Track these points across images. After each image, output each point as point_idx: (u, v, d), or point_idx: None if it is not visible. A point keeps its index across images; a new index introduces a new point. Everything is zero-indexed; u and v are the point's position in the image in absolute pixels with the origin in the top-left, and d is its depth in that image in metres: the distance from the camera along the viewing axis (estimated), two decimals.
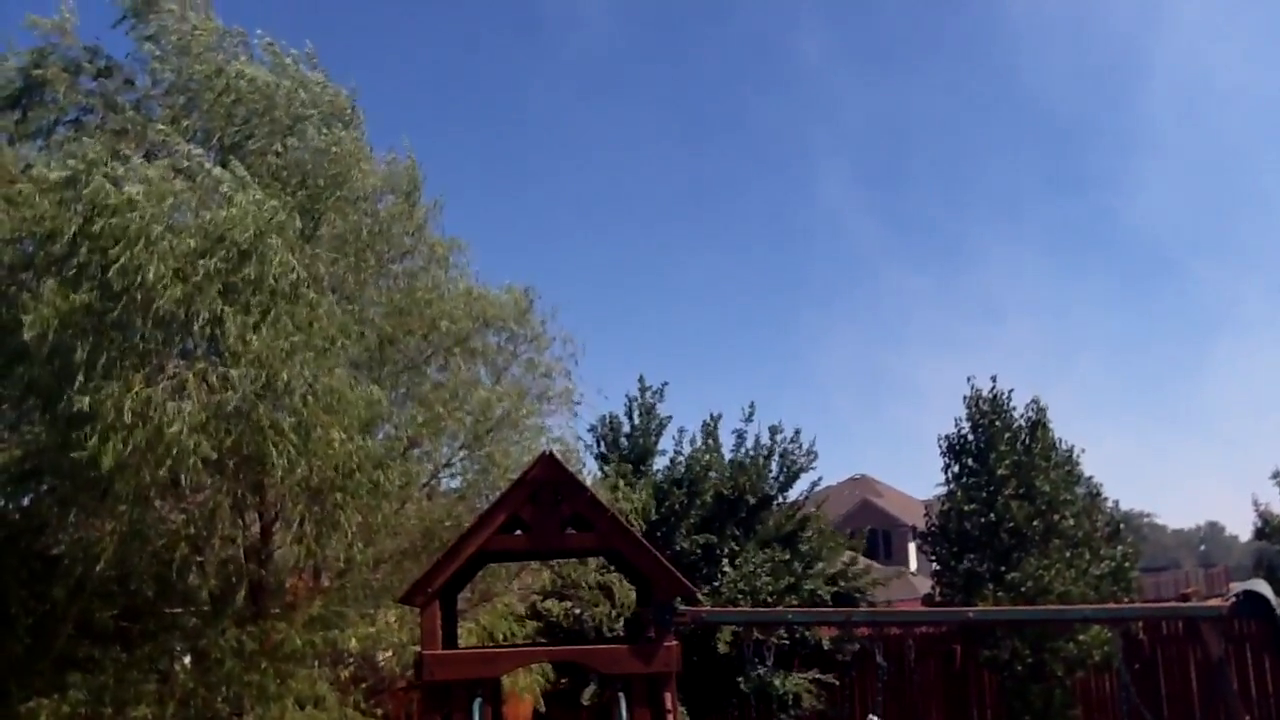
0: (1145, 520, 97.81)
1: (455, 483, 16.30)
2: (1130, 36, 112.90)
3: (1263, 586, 11.29)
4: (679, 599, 9.47)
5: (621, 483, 18.36)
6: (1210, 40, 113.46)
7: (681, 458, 23.13)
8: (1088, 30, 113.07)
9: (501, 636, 15.69)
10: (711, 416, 23.90)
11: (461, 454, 15.77)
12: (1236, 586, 13.90)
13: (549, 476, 9.28)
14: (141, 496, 11.75)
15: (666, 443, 23.45)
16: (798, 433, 23.79)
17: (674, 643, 9.16)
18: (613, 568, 15.90)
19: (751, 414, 23.70)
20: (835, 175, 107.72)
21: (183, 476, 11.66)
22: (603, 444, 23.04)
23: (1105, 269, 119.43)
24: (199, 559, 13.17)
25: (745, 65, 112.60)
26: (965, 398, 24.39)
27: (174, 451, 11.18)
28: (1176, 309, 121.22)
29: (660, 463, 23.10)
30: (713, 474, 22.75)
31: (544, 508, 9.20)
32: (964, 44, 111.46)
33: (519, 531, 9.52)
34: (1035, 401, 24.69)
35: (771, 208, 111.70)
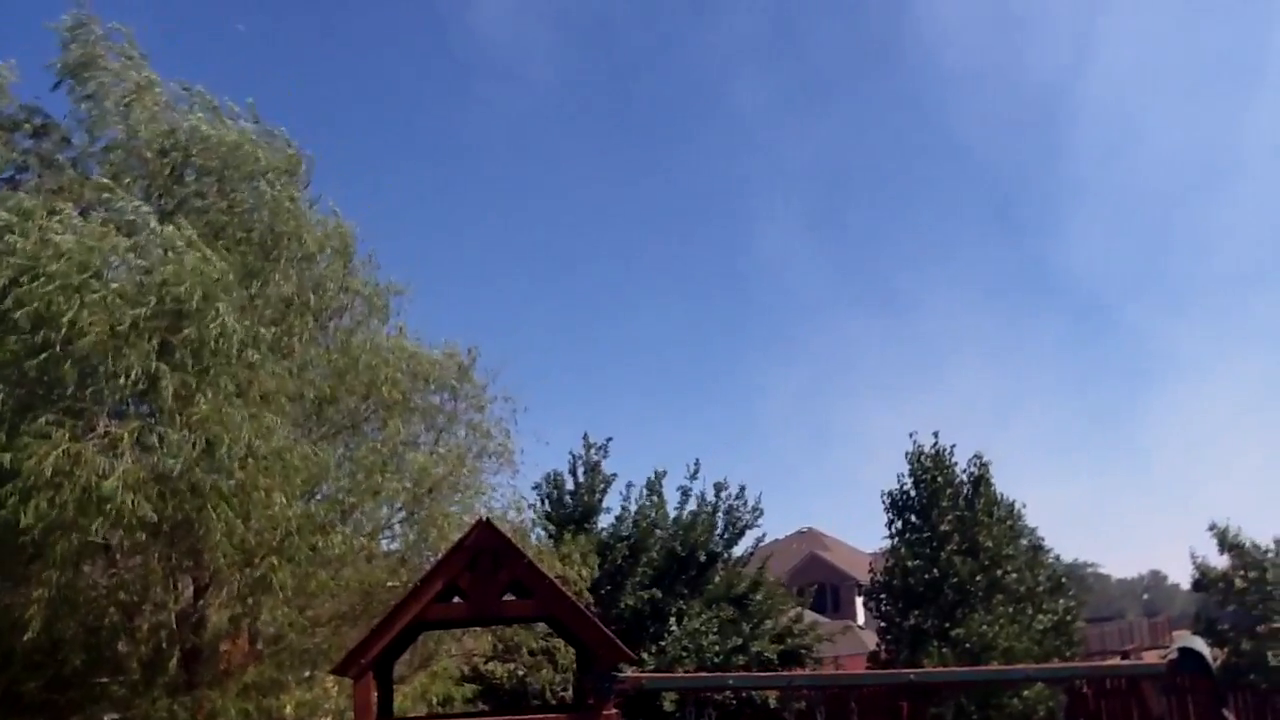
0: (1090, 570, 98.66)
1: (395, 545, 16.05)
2: (1057, 85, 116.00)
3: (1199, 644, 11.47)
4: (619, 666, 9.38)
5: (571, 545, 18.22)
6: (1135, 86, 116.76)
7: (628, 514, 23.07)
8: (1016, 78, 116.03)
9: (437, 700, 15.41)
10: (656, 473, 23.95)
11: (400, 516, 15.55)
12: (1178, 640, 14.07)
13: (487, 543, 9.17)
14: (71, 560, 11.45)
15: (612, 499, 23.44)
16: (743, 489, 23.91)
17: (613, 711, 9.06)
18: (554, 633, 15.73)
19: (697, 471, 23.79)
20: (776, 221, 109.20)
21: (116, 540, 11.40)
22: (547, 503, 22.91)
23: (1043, 316, 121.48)
24: (130, 626, 12.84)
25: (685, 112, 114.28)
26: (907, 454, 24.67)
27: (108, 510, 10.91)
28: (1114, 355, 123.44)
29: (605, 520, 23.02)
30: (658, 530, 22.70)
31: (482, 574, 9.09)
32: (898, 91, 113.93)
33: (457, 599, 9.39)
34: (978, 457, 25.06)
35: (713, 254, 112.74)
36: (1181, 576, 35.26)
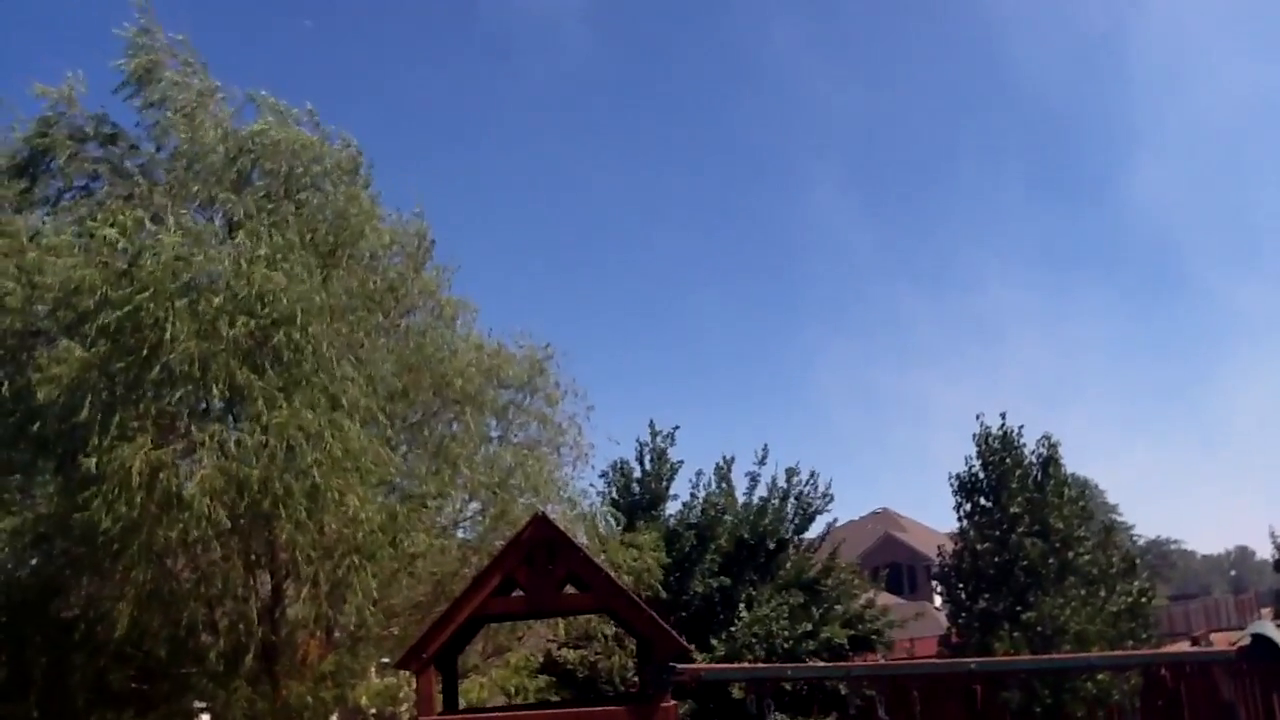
0: (1174, 547, 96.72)
1: (469, 535, 16.40)
2: (1114, 27, 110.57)
3: (1270, 629, 11.32)
4: (683, 656, 9.55)
5: (642, 534, 18.42)
6: (1198, 28, 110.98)
7: (696, 502, 23.17)
8: (1070, 20, 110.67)
9: (514, 690, 15.76)
10: (724, 459, 23.95)
11: (474, 506, 15.88)
12: (1253, 624, 13.88)
13: (542, 536, 9.37)
14: (153, 557, 11.93)
15: (680, 487, 23.50)
16: (814, 474, 23.80)
17: (671, 703, 9.23)
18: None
19: (765, 456, 23.74)
20: (827, 190, 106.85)
21: (195, 537, 11.83)
22: (614, 490, 23.11)
23: (1106, 282, 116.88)
24: (212, 619, 13.32)
25: (727, 82, 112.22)
26: (975, 435, 24.45)
27: (185, 516, 11.37)
28: (1187, 319, 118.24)
29: (673, 507, 23.15)
30: (727, 517, 22.77)
31: (539, 568, 9.30)
32: (946, 42, 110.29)
33: (516, 592, 9.64)
34: (1047, 438, 24.73)
35: (764, 228, 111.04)
36: (1268, 551, 34.48)
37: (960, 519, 24.66)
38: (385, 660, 15.39)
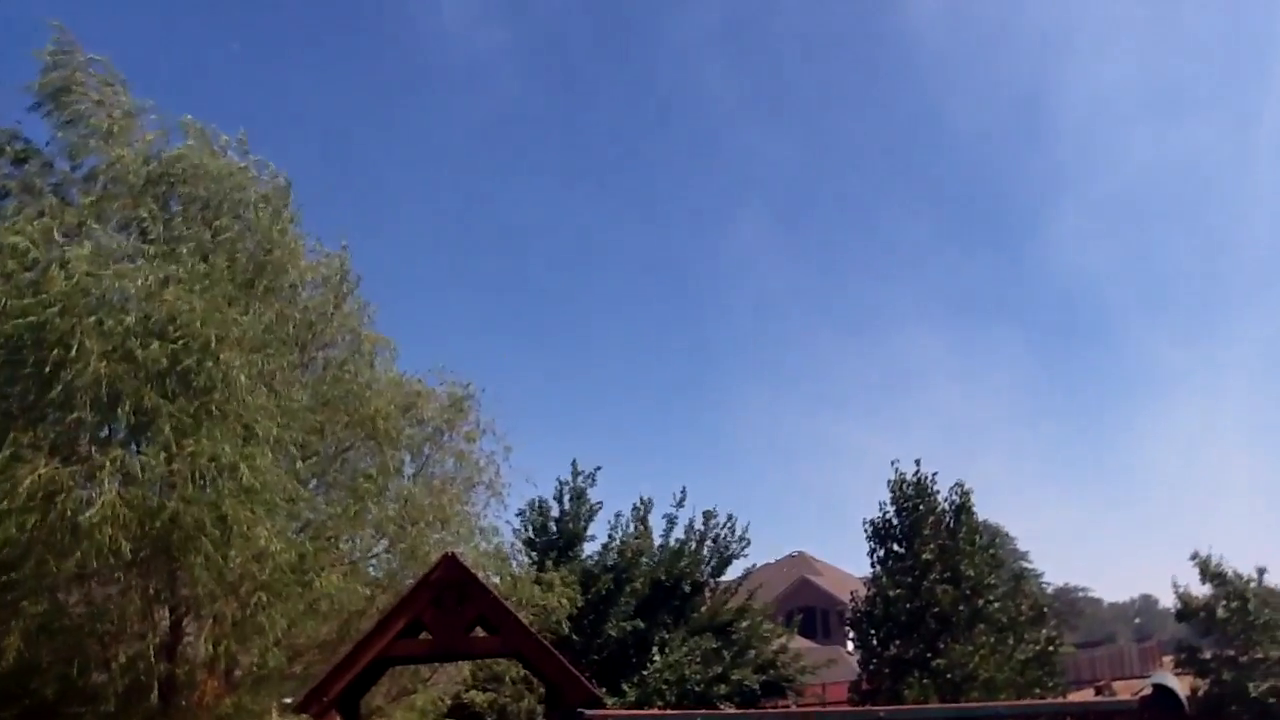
0: (1081, 594, 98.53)
1: (377, 572, 16.12)
2: (1036, 87, 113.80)
3: (1171, 680, 11.56)
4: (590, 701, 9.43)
5: (553, 573, 18.29)
6: (1118, 91, 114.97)
7: (614, 544, 23.10)
8: (993, 78, 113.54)
9: None
10: (642, 501, 24.00)
11: (383, 543, 15.62)
12: (1154, 674, 14.16)
13: (452, 578, 9.20)
14: (45, 588, 11.52)
15: (599, 528, 23.45)
16: (731, 518, 23.93)
17: None
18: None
19: (683, 499, 23.83)
20: (749, 232, 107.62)
21: (92, 568, 11.44)
22: (531, 529, 22.95)
23: (1023, 331, 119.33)
24: (105, 656, 12.85)
25: (653, 123, 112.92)
26: (890, 481, 24.80)
27: (84, 545, 10.97)
28: (1096, 369, 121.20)
29: (590, 548, 23.06)
30: (644, 559, 22.72)
31: (447, 610, 9.12)
32: (869, 92, 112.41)
33: (424, 634, 9.45)
34: (959, 485, 25.16)
35: (689, 271, 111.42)
36: (1171, 600, 35.21)
37: (874, 564, 24.92)
38: (288, 700, 14.98)
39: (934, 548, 23.97)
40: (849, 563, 60.39)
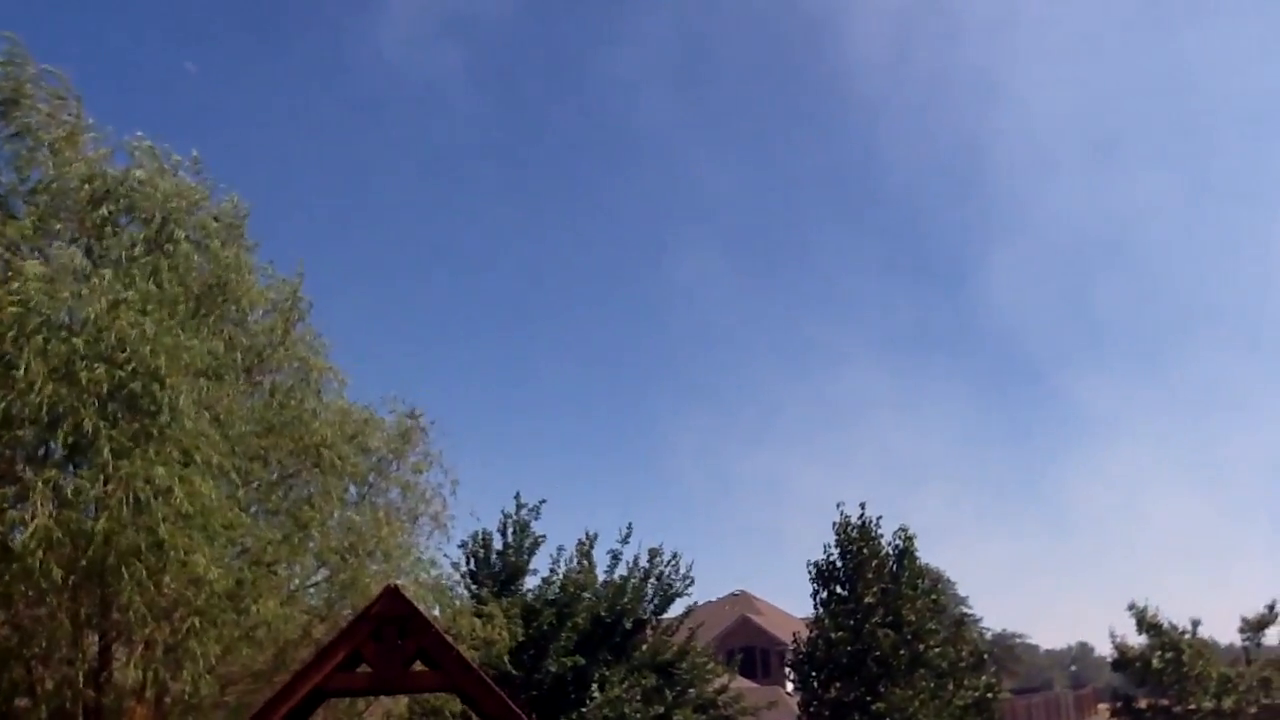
0: (1018, 641, 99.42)
1: (315, 600, 15.90)
2: (976, 128, 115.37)
3: None
4: None
5: (494, 606, 18.12)
6: (1054, 138, 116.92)
7: (556, 577, 22.94)
8: (934, 120, 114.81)
9: None
10: (587, 535, 23.87)
11: (323, 572, 15.41)
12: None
13: (393, 611, 9.08)
14: None
15: (542, 562, 23.28)
16: (675, 556, 23.88)
17: None
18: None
19: (628, 535, 23.74)
20: (695, 264, 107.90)
21: (19, 591, 11.18)
22: (473, 561, 22.74)
23: (958, 369, 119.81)
24: (30, 680, 12.52)
25: (602, 151, 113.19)
26: (834, 524, 24.93)
27: (14, 568, 10.75)
28: (1034, 412, 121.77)
29: (532, 582, 22.89)
30: (586, 595, 22.59)
31: (388, 643, 8.99)
32: (816, 127, 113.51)
33: (363, 667, 9.30)
34: (903, 530, 25.36)
35: (636, 301, 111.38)
36: (1107, 649, 35.75)
37: (817, 606, 24.98)
38: None
39: (876, 591, 24.13)
40: (789, 602, 60.55)
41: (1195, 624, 29.80)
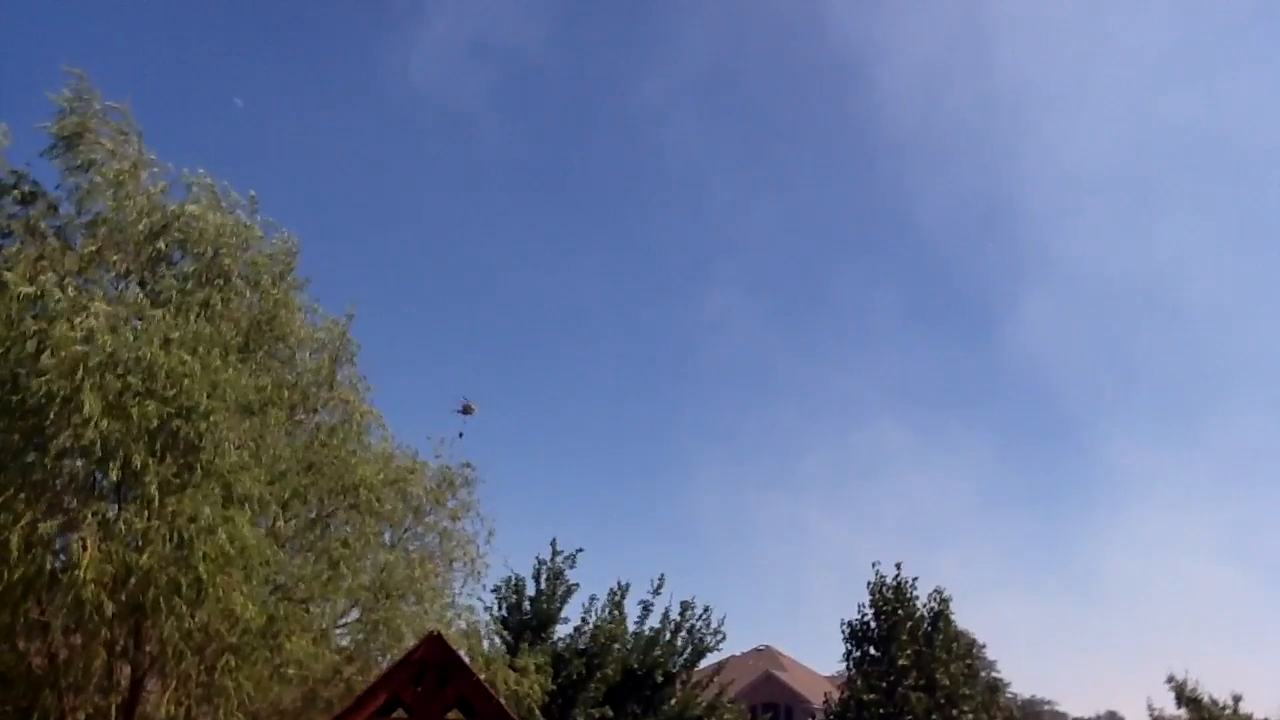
0: (1046, 708, 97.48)
1: (346, 640, 15.81)
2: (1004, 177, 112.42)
3: None
4: None
5: (527, 657, 18.01)
6: (1087, 174, 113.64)
7: (587, 627, 22.72)
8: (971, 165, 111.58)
9: None
10: (619, 585, 23.63)
11: (355, 612, 15.33)
12: None
13: (435, 658, 9.03)
14: (7, 637, 11.26)
15: (573, 610, 23.07)
16: (707, 610, 23.62)
17: None
18: None
19: (660, 586, 23.50)
20: (722, 307, 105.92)
21: (61, 622, 11.19)
22: (504, 607, 22.56)
23: (983, 422, 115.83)
24: (62, 708, 12.47)
25: (632, 181, 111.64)
26: (869, 583, 24.59)
27: (68, 598, 10.80)
28: (1061, 469, 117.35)
29: (564, 630, 22.68)
30: (617, 646, 22.36)
31: (428, 690, 8.95)
32: (843, 168, 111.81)
33: (398, 712, 9.22)
34: (938, 592, 24.95)
35: (667, 342, 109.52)
36: (1139, 718, 34.89)
37: (849, 666, 24.62)
38: None
39: (910, 653, 23.72)
40: (812, 657, 59.64)
41: (1237, 699, 29.11)
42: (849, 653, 24.56)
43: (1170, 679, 28.01)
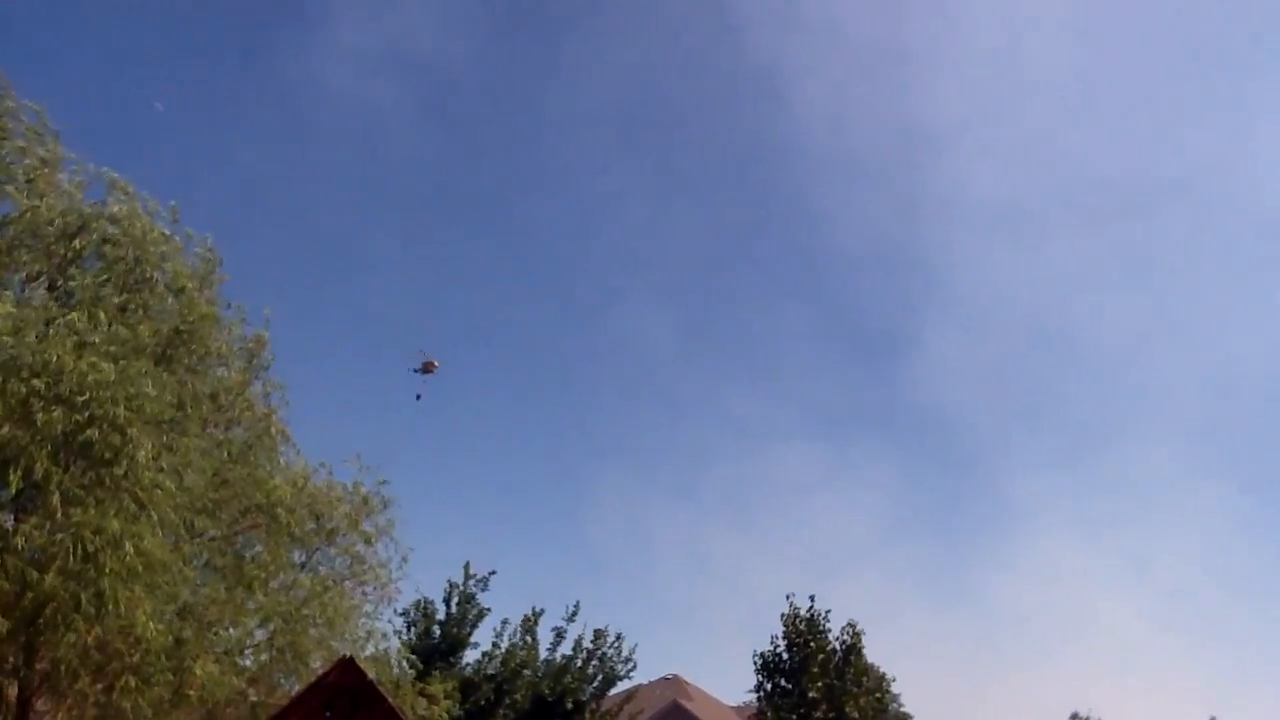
0: None
1: (250, 662, 15.38)
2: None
3: None
4: None
5: (436, 684, 17.71)
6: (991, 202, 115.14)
7: (497, 652, 22.44)
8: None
9: None
10: (533, 611, 23.38)
11: (263, 634, 14.93)
12: None
13: (347, 683, 8.78)
14: None
15: (484, 635, 22.77)
16: (619, 637, 23.47)
17: None
18: None
19: (575, 612, 23.29)
20: (630, 319, 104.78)
21: None
22: (413, 631, 22.17)
23: (888, 451, 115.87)
24: None
25: (540, 193, 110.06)
26: (783, 615, 24.64)
27: None
28: (968, 496, 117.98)
29: (472, 655, 22.35)
30: (527, 672, 22.10)
31: (339, 716, 8.68)
32: (751, 184, 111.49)
33: None
34: (851, 625, 25.13)
35: (570, 354, 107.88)
36: None
37: (760, 698, 24.62)
38: None
39: (821, 686, 23.81)
40: (718, 687, 59.66)
41: None
42: (760, 684, 24.58)
43: (1074, 716, 28.64)
